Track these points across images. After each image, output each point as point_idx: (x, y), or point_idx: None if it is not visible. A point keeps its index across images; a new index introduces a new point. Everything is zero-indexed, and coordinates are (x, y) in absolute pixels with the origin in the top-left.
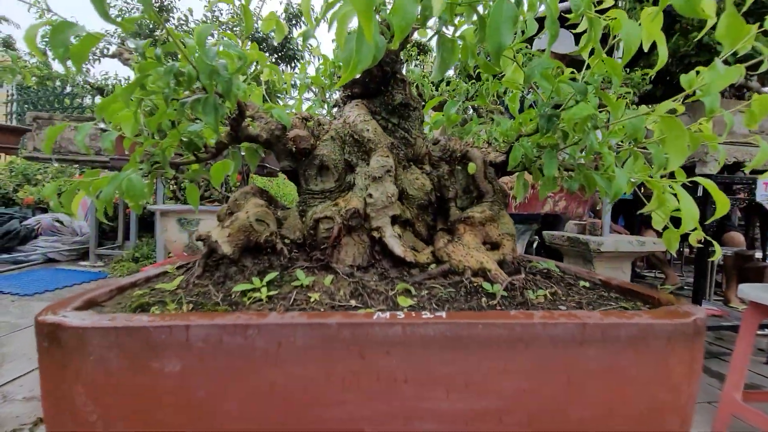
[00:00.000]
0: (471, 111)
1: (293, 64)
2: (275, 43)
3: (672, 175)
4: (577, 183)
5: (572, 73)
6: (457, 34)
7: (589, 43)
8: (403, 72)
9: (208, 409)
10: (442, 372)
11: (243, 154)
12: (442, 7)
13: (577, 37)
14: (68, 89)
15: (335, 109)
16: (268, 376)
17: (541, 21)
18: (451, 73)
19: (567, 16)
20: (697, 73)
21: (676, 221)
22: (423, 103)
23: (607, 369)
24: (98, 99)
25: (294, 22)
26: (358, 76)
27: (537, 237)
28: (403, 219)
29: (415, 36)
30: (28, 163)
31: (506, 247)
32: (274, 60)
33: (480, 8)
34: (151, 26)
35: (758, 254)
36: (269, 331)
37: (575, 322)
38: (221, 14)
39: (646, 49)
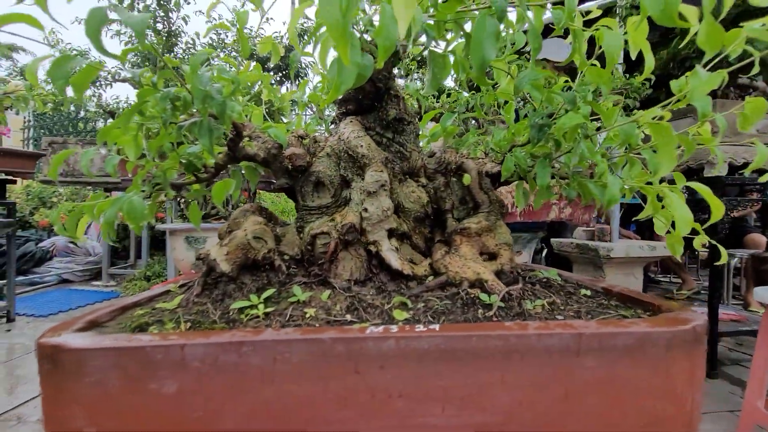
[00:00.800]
0: (473, 122)
1: (298, 82)
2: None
3: (672, 180)
4: (574, 191)
5: (566, 81)
6: (449, 48)
7: (574, 53)
8: (398, 87)
9: (206, 429)
10: (437, 385)
11: (243, 172)
12: (404, 32)
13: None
14: (81, 114)
15: (333, 126)
16: (263, 394)
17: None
18: (452, 84)
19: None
20: (687, 78)
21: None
22: (421, 116)
23: (605, 380)
24: (110, 122)
25: (302, 38)
26: (351, 93)
27: (545, 245)
28: (400, 232)
29: (411, 50)
30: (44, 186)
31: (504, 257)
32: (279, 78)
33: (469, 24)
34: (161, 49)
35: None
36: (264, 347)
37: (571, 332)
38: (227, 37)
39: (633, 57)
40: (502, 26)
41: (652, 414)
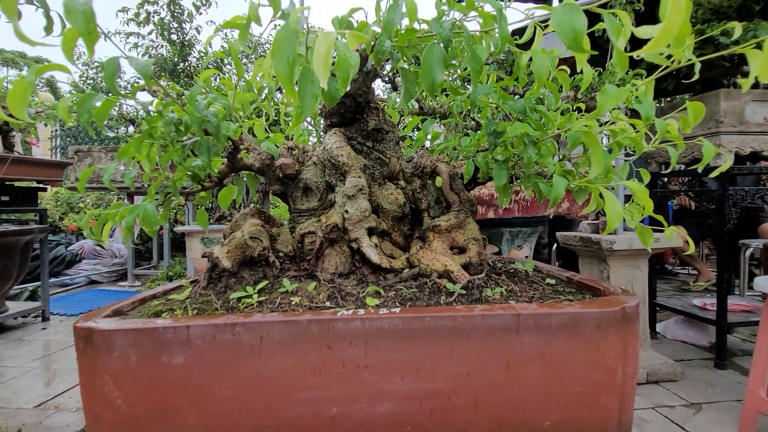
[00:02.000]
0: (472, 123)
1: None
2: None
3: (639, 177)
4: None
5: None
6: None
7: (517, 71)
8: (377, 100)
9: (207, 393)
10: (397, 359)
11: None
12: (326, 85)
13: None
14: (105, 122)
15: (323, 136)
16: (253, 366)
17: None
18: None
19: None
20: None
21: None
22: (425, 117)
23: (543, 354)
24: (131, 129)
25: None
26: (334, 108)
27: (554, 240)
28: (380, 230)
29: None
30: (71, 192)
31: (471, 251)
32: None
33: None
34: (175, 59)
35: None
36: (253, 328)
37: (511, 313)
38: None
39: (579, 69)
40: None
41: (585, 383)
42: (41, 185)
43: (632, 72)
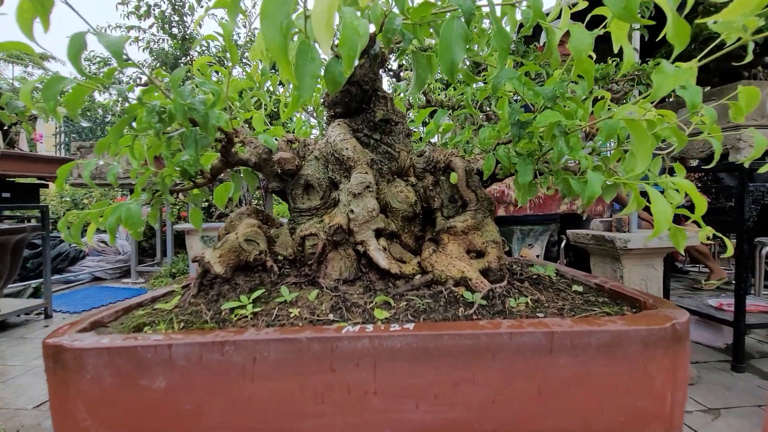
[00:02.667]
0: (482, 117)
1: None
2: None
3: (672, 172)
4: (563, 187)
5: (563, 75)
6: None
7: (548, 50)
8: (385, 88)
9: (192, 422)
10: (411, 384)
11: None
12: (329, 54)
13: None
14: (109, 117)
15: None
16: (245, 390)
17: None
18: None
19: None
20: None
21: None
22: (436, 109)
23: (580, 378)
24: (134, 124)
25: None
26: (338, 96)
27: (564, 237)
28: (389, 231)
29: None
30: (76, 189)
31: (491, 255)
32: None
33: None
34: (176, 53)
35: None
36: (245, 347)
37: (543, 330)
38: (239, 38)
39: (615, 50)
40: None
41: (630, 411)
42: (43, 182)
43: (653, 61)
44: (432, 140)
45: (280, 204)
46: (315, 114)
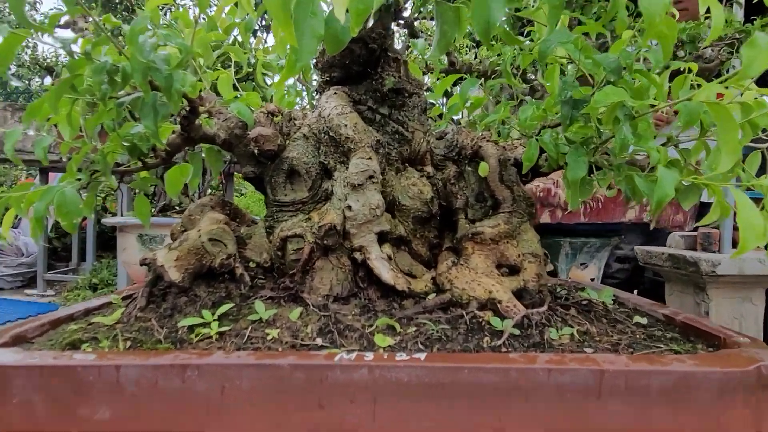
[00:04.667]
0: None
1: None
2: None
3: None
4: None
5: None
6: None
7: (613, 8)
8: (397, 48)
9: None
10: (420, 427)
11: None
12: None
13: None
14: (12, 69)
15: (316, 97)
16: (210, 427)
17: None
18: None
19: None
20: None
21: None
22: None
23: (635, 429)
24: (48, 80)
25: None
26: (336, 57)
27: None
28: (396, 236)
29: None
30: None
31: (528, 272)
32: (258, 28)
33: None
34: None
35: None
36: (211, 372)
37: (591, 368)
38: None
39: (701, 12)
40: None
41: None
42: None
43: (760, 20)
44: (456, 117)
45: (244, 195)
46: (302, 78)
